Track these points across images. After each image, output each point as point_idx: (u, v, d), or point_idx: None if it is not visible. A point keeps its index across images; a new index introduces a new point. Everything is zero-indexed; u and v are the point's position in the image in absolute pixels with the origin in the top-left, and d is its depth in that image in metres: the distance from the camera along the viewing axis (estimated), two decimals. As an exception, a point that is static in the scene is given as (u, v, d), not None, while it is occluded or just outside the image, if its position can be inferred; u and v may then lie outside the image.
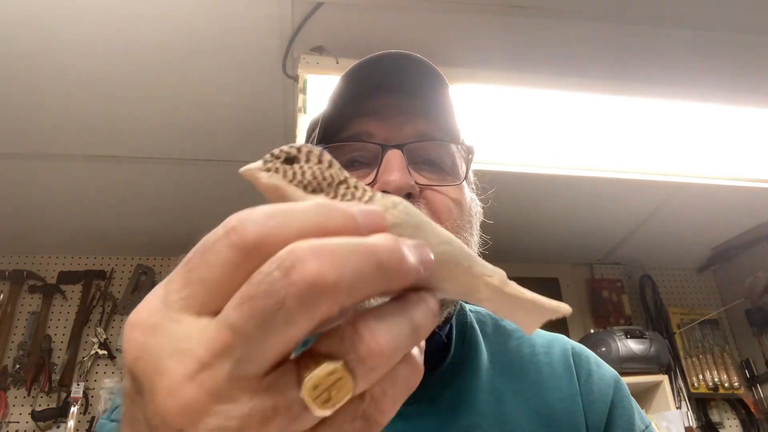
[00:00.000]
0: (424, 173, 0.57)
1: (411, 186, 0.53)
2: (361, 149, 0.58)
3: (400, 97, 0.59)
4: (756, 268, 2.47)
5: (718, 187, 1.74)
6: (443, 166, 0.58)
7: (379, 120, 0.58)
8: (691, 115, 1.48)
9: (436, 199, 0.56)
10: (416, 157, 0.57)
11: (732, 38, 1.40)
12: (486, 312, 0.70)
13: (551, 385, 0.61)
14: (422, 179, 0.56)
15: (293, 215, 0.22)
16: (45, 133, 1.65)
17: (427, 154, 0.58)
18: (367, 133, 0.57)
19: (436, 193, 0.56)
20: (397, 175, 0.52)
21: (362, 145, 0.57)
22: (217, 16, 1.28)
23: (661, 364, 2.23)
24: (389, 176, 0.53)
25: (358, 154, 0.58)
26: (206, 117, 1.62)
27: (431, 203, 0.55)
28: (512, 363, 0.63)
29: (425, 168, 0.58)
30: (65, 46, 1.34)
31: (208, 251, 0.23)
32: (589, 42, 1.39)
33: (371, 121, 0.58)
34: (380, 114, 0.58)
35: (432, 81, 0.58)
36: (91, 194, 1.98)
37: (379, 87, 0.58)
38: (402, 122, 0.58)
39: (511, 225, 2.19)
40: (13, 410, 2.09)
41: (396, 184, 0.52)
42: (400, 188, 0.52)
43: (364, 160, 0.58)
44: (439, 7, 1.27)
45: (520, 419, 0.58)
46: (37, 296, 2.29)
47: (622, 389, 0.65)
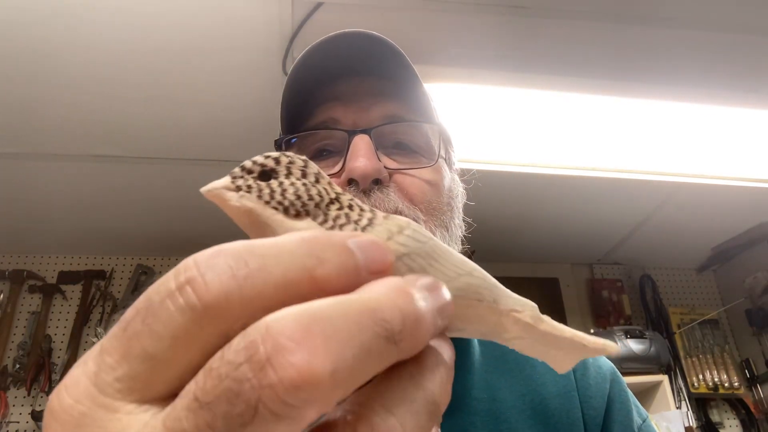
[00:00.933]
0: (395, 157, 0.55)
1: (378, 171, 0.51)
2: (329, 137, 0.56)
3: (366, 78, 0.57)
4: (756, 268, 2.47)
5: (718, 187, 1.74)
6: (416, 147, 0.56)
7: (345, 104, 0.56)
8: (691, 115, 1.48)
9: (407, 182, 0.53)
10: (386, 141, 0.55)
11: (732, 38, 1.40)
12: None
13: (546, 380, 0.60)
14: (392, 163, 0.54)
15: (272, 259, 0.16)
16: (45, 133, 1.64)
17: (396, 136, 0.56)
18: (333, 119, 0.56)
19: (407, 177, 0.54)
20: (363, 161, 0.50)
21: (329, 133, 0.56)
22: (216, 16, 1.28)
23: (661, 364, 2.23)
24: (354, 163, 0.51)
25: (326, 142, 0.56)
26: (206, 117, 1.62)
27: (402, 187, 0.53)
28: (506, 358, 0.62)
29: (396, 151, 0.56)
30: (65, 47, 1.34)
31: (153, 314, 0.17)
32: (589, 42, 1.39)
33: (337, 107, 0.56)
34: (347, 98, 0.56)
35: (397, 60, 0.56)
36: (91, 194, 1.98)
37: (344, 69, 0.56)
38: (369, 105, 0.55)
39: (511, 225, 2.19)
40: (13, 410, 2.09)
41: (361, 171, 0.50)
42: (366, 174, 0.50)
43: (333, 149, 0.56)
44: (438, 7, 1.27)
45: (515, 416, 0.57)
46: (37, 296, 2.29)
47: (619, 382, 0.63)
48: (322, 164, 0.55)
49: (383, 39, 0.55)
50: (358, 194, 0.51)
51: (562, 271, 2.71)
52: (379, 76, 0.56)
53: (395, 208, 0.51)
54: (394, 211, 0.51)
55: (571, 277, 2.70)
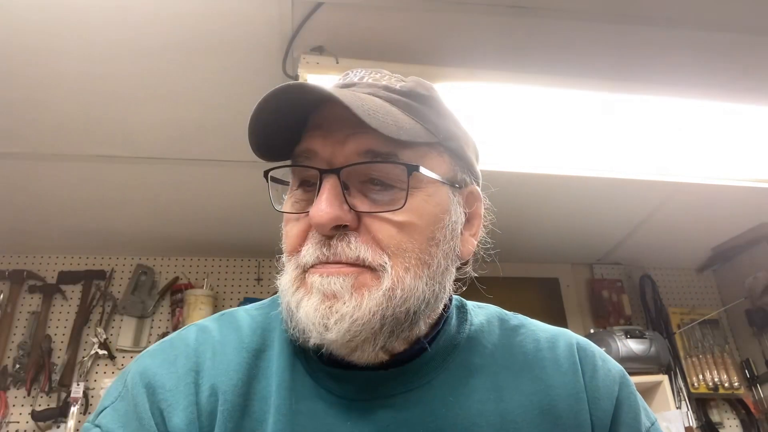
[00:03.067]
0: (371, 194, 0.54)
1: (337, 218, 0.51)
2: (308, 171, 0.56)
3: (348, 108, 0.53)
4: (756, 268, 2.47)
5: (718, 187, 1.73)
6: (392, 182, 0.53)
7: (325, 135, 0.54)
8: (691, 115, 1.48)
9: (375, 227, 0.52)
10: (361, 176, 0.54)
11: (732, 38, 1.40)
12: (492, 308, 0.69)
13: (555, 381, 0.60)
14: (363, 205, 0.53)
15: None
16: (45, 133, 1.65)
17: (371, 173, 0.54)
18: (313, 151, 0.55)
19: (376, 221, 0.53)
20: (323, 209, 0.50)
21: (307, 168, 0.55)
22: (216, 16, 1.28)
23: (661, 364, 2.23)
24: (314, 211, 0.51)
25: (308, 174, 0.56)
26: (206, 117, 1.62)
27: (371, 232, 0.52)
28: (516, 359, 0.62)
29: (371, 188, 0.54)
30: (65, 47, 1.34)
31: None
32: (589, 42, 1.39)
33: (317, 138, 0.55)
34: (328, 127, 0.54)
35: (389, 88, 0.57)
36: (91, 194, 1.98)
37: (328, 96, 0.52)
38: (346, 137, 0.53)
39: (511, 225, 2.19)
40: (13, 410, 2.09)
41: (316, 220, 0.51)
42: (321, 224, 0.51)
43: (313, 181, 0.55)
44: (438, 7, 1.27)
45: (523, 416, 0.57)
46: (37, 296, 2.30)
47: (628, 385, 0.64)
48: (306, 197, 0.56)
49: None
50: (322, 240, 0.52)
51: (562, 271, 2.71)
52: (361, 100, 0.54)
53: (356, 256, 0.51)
54: (356, 260, 0.51)
55: (571, 277, 2.71)
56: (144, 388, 0.54)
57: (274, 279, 0.57)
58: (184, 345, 0.58)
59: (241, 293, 2.46)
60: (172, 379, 0.55)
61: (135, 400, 0.54)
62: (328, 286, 0.51)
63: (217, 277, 2.46)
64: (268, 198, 0.59)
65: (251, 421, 0.54)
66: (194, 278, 2.42)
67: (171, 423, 0.52)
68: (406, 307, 0.52)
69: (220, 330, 0.61)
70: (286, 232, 0.57)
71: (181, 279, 2.42)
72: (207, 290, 2.31)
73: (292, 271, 0.55)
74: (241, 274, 2.49)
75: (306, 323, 0.52)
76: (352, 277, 0.52)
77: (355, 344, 0.52)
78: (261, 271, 2.51)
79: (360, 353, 0.54)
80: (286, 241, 0.57)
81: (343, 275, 0.52)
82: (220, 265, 2.49)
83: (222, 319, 0.64)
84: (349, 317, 0.50)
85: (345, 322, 0.50)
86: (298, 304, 0.53)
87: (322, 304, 0.51)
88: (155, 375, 0.55)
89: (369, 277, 0.52)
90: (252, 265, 2.52)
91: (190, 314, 2.22)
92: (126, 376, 0.57)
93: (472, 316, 0.66)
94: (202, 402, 0.54)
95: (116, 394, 0.56)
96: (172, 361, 0.57)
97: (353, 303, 0.51)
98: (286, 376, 0.56)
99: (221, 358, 0.57)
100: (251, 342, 0.59)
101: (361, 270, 0.52)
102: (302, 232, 0.55)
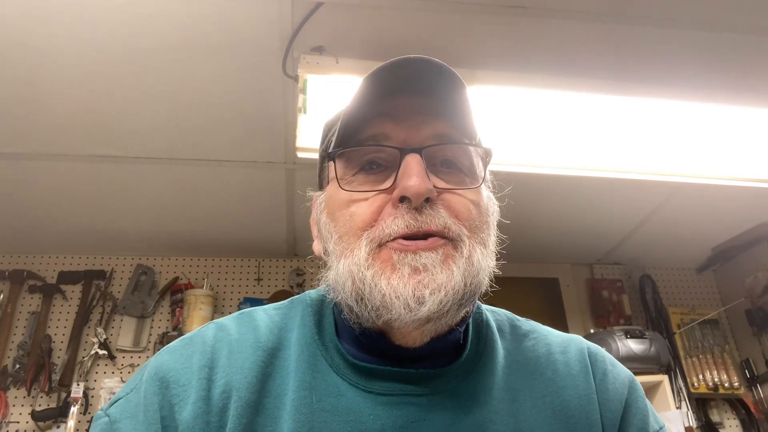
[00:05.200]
0: (442, 175, 0.58)
1: (429, 191, 0.54)
2: (379, 151, 0.58)
3: (418, 97, 0.59)
4: (756, 268, 2.47)
5: (718, 187, 1.74)
6: (461, 166, 0.59)
7: (396, 122, 0.58)
8: (691, 115, 1.48)
9: (454, 201, 0.57)
10: (434, 159, 0.58)
11: (732, 38, 1.40)
12: (503, 312, 0.71)
13: (567, 383, 0.62)
14: (440, 182, 0.57)
15: None
16: (45, 133, 1.65)
17: (444, 155, 0.58)
18: (384, 135, 0.58)
19: (455, 196, 0.57)
20: (416, 180, 0.53)
21: (380, 148, 0.58)
22: (216, 16, 1.28)
23: (661, 364, 2.23)
24: (408, 182, 0.54)
25: (376, 155, 0.58)
26: (206, 117, 1.62)
27: (450, 205, 0.56)
28: (528, 361, 0.64)
29: (443, 170, 0.58)
30: (65, 47, 1.34)
31: None
32: (589, 42, 1.39)
33: (388, 123, 0.58)
34: (398, 115, 0.58)
35: (450, 82, 0.58)
36: (91, 194, 1.98)
37: (397, 88, 0.58)
38: (420, 123, 0.58)
39: (511, 225, 2.18)
40: (13, 410, 2.09)
41: (415, 190, 0.53)
42: (419, 194, 0.53)
43: (382, 162, 0.58)
44: (439, 7, 1.27)
45: (535, 416, 0.59)
46: (37, 296, 2.30)
47: (637, 389, 0.66)
48: (372, 178, 0.58)
49: (440, 63, 0.57)
50: (410, 210, 0.54)
51: (562, 271, 2.71)
52: (430, 95, 0.59)
53: (444, 224, 0.54)
54: (443, 227, 0.54)
55: (571, 277, 2.71)
56: (158, 382, 0.56)
57: (272, 279, 0.57)
58: (202, 342, 0.60)
59: (241, 293, 2.46)
60: (186, 375, 0.57)
61: (146, 393, 0.56)
62: (420, 261, 0.53)
63: (217, 277, 2.46)
64: (264, 196, 0.59)
65: (265, 418, 0.55)
66: (194, 278, 2.42)
67: (180, 416, 0.54)
68: (479, 278, 0.56)
69: (238, 328, 0.62)
70: (350, 213, 0.57)
71: (181, 279, 2.42)
72: (207, 290, 2.31)
73: (366, 246, 0.55)
74: (241, 274, 2.49)
75: (392, 300, 0.52)
76: (441, 251, 0.54)
77: (439, 316, 0.53)
78: (261, 271, 2.51)
79: (429, 327, 0.55)
80: (354, 220, 0.57)
81: (432, 250, 0.54)
82: (220, 265, 2.49)
83: (241, 318, 0.65)
84: (444, 287, 0.52)
85: (441, 293, 0.52)
86: (376, 279, 0.54)
87: (412, 278, 0.53)
88: (170, 371, 0.57)
89: (451, 248, 0.55)
90: (252, 265, 2.52)
91: (190, 314, 2.22)
92: (145, 370, 0.59)
93: (489, 318, 0.67)
94: (214, 398, 0.55)
95: (132, 387, 0.58)
96: (188, 357, 0.59)
97: (446, 274, 0.53)
98: (306, 375, 0.58)
99: (237, 356, 0.59)
100: (267, 341, 0.61)
101: (445, 242, 0.54)
102: (377, 208, 0.56)
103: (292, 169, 1.88)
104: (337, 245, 0.58)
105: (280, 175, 1.92)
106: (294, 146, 1.55)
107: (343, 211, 0.58)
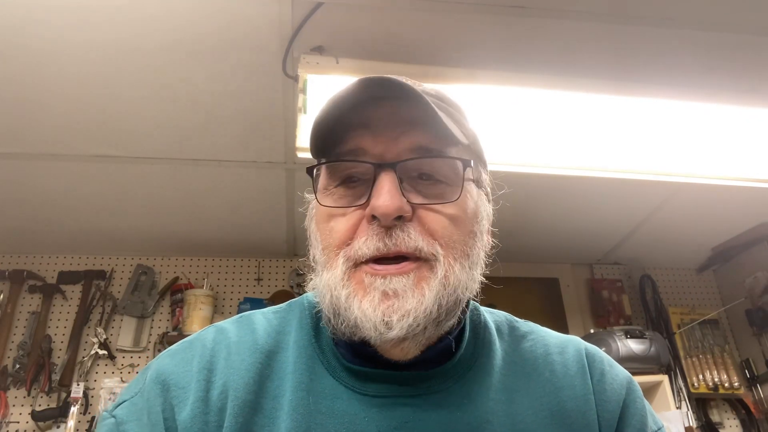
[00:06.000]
0: (420, 188, 0.56)
1: (399, 209, 0.53)
2: (356, 167, 0.57)
3: (397, 104, 0.57)
4: (756, 268, 2.47)
5: (718, 187, 1.74)
6: (441, 178, 0.57)
7: (374, 134, 0.57)
8: (691, 115, 1.48)
9: (429, 218, 0.55)
10: (411, 172, 0.57)
11: (732, 38, 1.40)
12: (501, 314, 0.71)
13: (565, 384, 0.62)
14: (416, 197, 0.56)
15: None
16: (45, 133, 1.65)
17: (422, 168, 0.57)
18: (362, 149, 0.57)
19: (431, 213, 0.56)
20: (385, 199, 0.53)
21: (355, 164, 0.57)
22: (216, 16, 1.28)
23: (661, 364, 2.23)
24: (377, 200, 0.53)
25: (354, 170, 0.58)
26: (206, 117, 1.62)
27: (425, 222, 0.55)
28: (526, 362, 0.64)
29: (421, 182, 0.57)
30: (65, 47, 1.34)
31: None
32: (589, 42, 1.39)
33: (366, 136, 0.57)
34: (375, 126, 0.57)
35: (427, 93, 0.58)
36: (91, 194, 1.98)
37: (376, 96, 0.57)
38: (398, 135, 0.57)
39: (511, 225, 2.19)
40: (13, 410, 2.09)
41: (383, 210, 0.52)
42: (387, 214, 0.52)
43: (360, 177, 0.57)
44: (438, 7, 1.27)
45: (532, 417, 0.59)
46: (37, 296, 2.30)
47: (635, 390, 0.65)
48: (350, 192, 0.57)
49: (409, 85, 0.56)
50: (380, 230, 0.54)
51: (562, 271, 2.71)
52: (408, 101, 0.57)
53: (415, 246, 0.53)
54: (414, 249, 0.53)
55: (571, 277, 2.70)
56: (160, 385, 0.58)
57: (272, 279, 0.57)
58: (202, 346, 0.61)
59: (241, 293, 2.46)
60: (185, 378, 0.58)
61: (149, 396, 0.57)
62: (390, 285, 0.53)
63: (217, 277, 2.46)
64: (264, 196, 0.59)
65: (263, 418, 0.56)
66: (194, 278, 2.42)
67: (179, 417, 0.55)
68: (456, 295, 0.55)
69: (237, 331, 0.63)
70: (330, 228, 0.57)
71: (181, 279, 2.42)
72: (207, 290, 2.31)
73: (342, 265, 0.55)
74: (241, 274, 2.49)
75: (363, 322, 0.53)
76: (413, 275, 0.53)
77: (411, 337, 0.53)
78: (261, 271, 2.51)
79: (408, 344, 0.55)
80: (332, 236, 0.57)
81: (404, 275, 0.53)
82: (220, 265, 2.49)
83: (240, 321, 0.66)
84: (413, 312, 0.52)
85: (409, 318, 0.52)
86: (350, 301, 0.54)
87: (382, 303, 0.53)
88: (171, 374, 0.58)
89: (425, 270, 0.54)
90: (252, 265, 2.52)
91: (190, 314, 2.22)
92: (147, 372, 0.61)
93: (487, 320, 0.67)
94: (212, 399, 0.56)
95: (136, 390, 0.59)
96: (188, 360, 0.60)
97: (416, 298, 0.53)
98: (304, 378, 0.58)
99: (235, 358, 0.60)
100: (265, 344, 0.62)
101: (418, 265, 0.54)
102: (353, 225, 0.56)
103: (292, 169, 1.88)
104: (322, 256, 0.58)
105: (280, 175, 1.92)
106: (294, 146, 1.55)
107: (324, 224, 0.58)
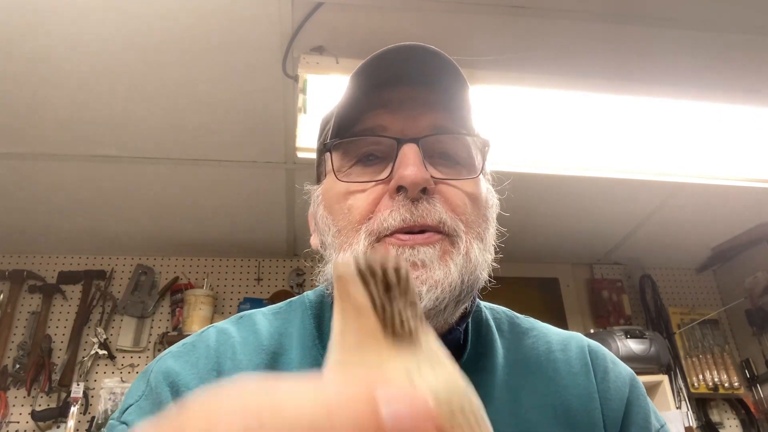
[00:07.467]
0: (439, 167, 0.57)
1: (426, 180, 0.53)
2: (377, 143, 0.57)
3: (415, 88, 0.58)
4: (756, 268, 2.47)
5: (718, 187, 1.74)
6: (458, 159, 0.58)
7: (393, 113, 0.57)
8: (691, 115, 1.48)
9: (450, 193, 0.56)
10: (431, 150, 0.57)
11: (732, 38, 1.40)
12: (502, 310, 0.70)
13: (568, 381, 0.62)
14: (437, 173, 0.56)
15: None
16: (45, 133, 1.65)
17: (442, 146, 0.57)
18: (382, 126, 0.57)
19: (451, 188, 0.56)
20: (413, 170, 0.52)
21: (377, 140, 0.57)
22: (217, 16, 1.28)
23: (661, 364, 2.23)
24: (404, 171, 0.53)
25: (373, 147, 0.58)
26: (206, 117, 1.62)
27: (446, 197, 0.55)
28: (528, 360, 0.63)
29: (440, 161, 0.57)
30: (65, 47, 1.34)
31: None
32: (589, 42, 1.39)
33: (386, 114, 0.57)
34: (395, 106, 0.57)
35: (448, 72, 0.57)
36: (91, 194, 1.98)
37: (394, 78, 0.57)
38: (417, 115, 0.57)
39: (511, 225, 2.18)
40: (13, 410, 2.09)
41: (411, 179, 0.52)
42: (416, 183, 0.52)
43: (379, 154, 0.57)
44: (439, 8, 1.27)
45: (537, 416, 0.58)
46: (37, 296, 2.30)
47: (638, 387, 0.65)
48: (369, 169, 0.57)
49: (438, 52, 0.56)
50: (405, 202, 0.53)
51: (562, 271, 2.71)
52: (428, 85, 0.57)
53: (440, 219, 0.53)
54: (438, 222, 0.53)
55: (571, 277, 2.70)
56: (168, 386, 0.56)
57: (272, 279, 0.56)
58: (205, 347, 0.60)
59: (241, 293, 2.46)
60: (194, 379, 0.57)
61: (159, 397, 0.56)
62: (419, 256, 0.52)
63: (217, 277, 2.46)
64: (264, 196, 0.59)
65: None
66: (194, 278, 2.42)
67: None
68: (476, 274, 0.55)
69: (240, 332, 0.62)
70: (348, 206, 0.57)
71: (181, 279, 2.42)
72: (207, 290, 2.31)
73: (364, 240, 0.55)
74: (241, 274, 2.49)
75: None
76: (438, 246, 0.53)
77: (436, 313, 0.53)
78: (261, 271, 2.51)
79: None
80: (352, 213, 0.56)
81: (431, 245, 0.53)
82: (220, 265, 2.49)
83: (241, 321, 0.65)
84: (441, 284, 0.52)
85: (437, 289, 0.51)
86: None
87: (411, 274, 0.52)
88: (178, 375, 0.57)
89: (448, 244, 0.54)
90: (252, 265, 2.52)
91: (190, 314, 2.22)
92: (148, 375, 0.59)
93: (487, 317, 0.66)
94: None
95: (140, 393, 0.57)
96: (194, 362, 0.58)
97: (443, 270, 0.52)
98: None
99: (242, 358, 0.59)
100: (269, 344, 0.61)
101: (441, 237, 0.54)
102: (374, 200, 0.56)
103: (292, 169, 1.88)
104: (336, 238, 0.57)
105: (280, 175, 1.92)
106: (294, 146, 1.55)
107: (341, 203, 0.57)
